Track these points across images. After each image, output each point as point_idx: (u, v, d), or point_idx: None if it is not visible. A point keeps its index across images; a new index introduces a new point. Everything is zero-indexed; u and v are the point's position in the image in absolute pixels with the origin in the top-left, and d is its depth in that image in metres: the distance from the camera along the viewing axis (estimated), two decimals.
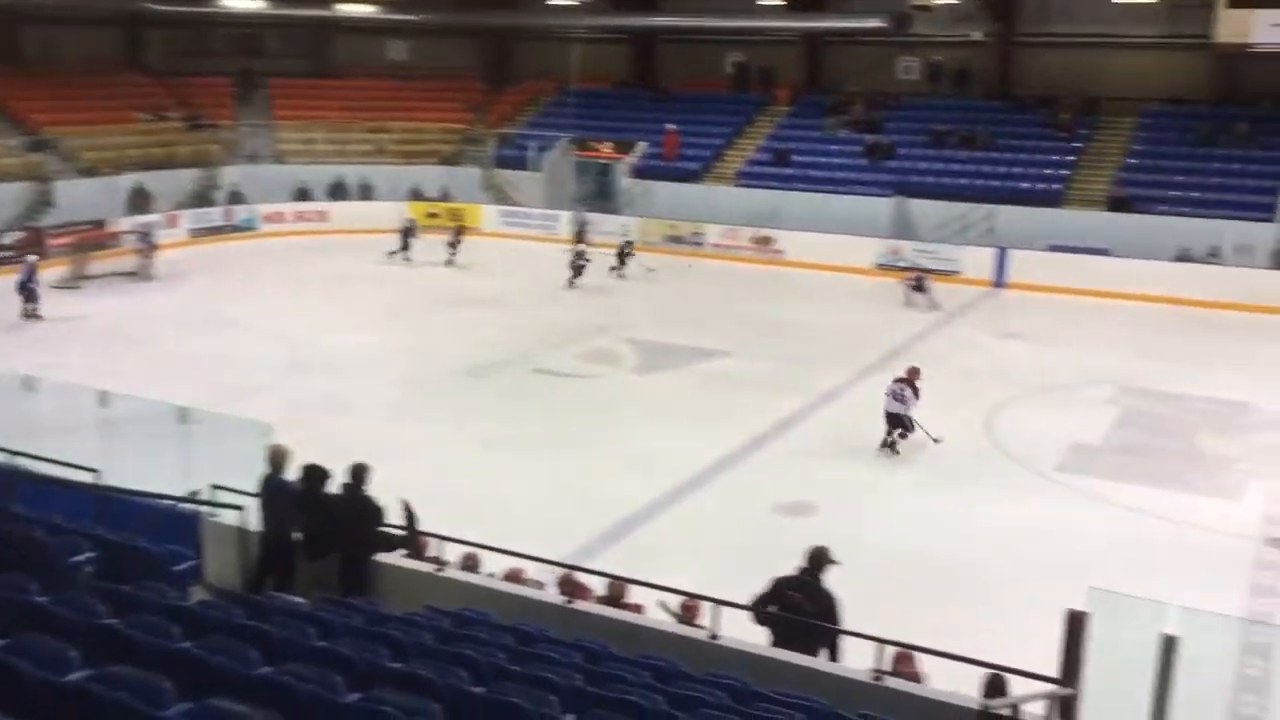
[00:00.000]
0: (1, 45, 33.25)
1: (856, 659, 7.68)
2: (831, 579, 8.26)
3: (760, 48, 35.85)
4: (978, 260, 27.61)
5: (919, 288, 25.18)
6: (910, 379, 15.79)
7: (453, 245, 28.93)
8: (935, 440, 15.57)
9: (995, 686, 7.57)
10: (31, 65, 33.41)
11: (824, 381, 18.95)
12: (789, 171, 32.05)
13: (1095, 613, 7.37)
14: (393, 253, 28.50)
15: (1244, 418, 17.57)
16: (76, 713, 4.37)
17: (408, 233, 28.89)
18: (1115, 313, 24.32)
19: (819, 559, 8.32)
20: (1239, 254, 25.95)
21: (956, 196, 29.40)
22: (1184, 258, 26.24)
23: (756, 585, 8.36)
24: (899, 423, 15.56)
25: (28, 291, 22.10)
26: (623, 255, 28.01)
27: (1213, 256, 26.12)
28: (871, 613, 8.27)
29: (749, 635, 8.09)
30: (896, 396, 15.60)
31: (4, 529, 7.64)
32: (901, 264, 27.89)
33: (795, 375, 19.38)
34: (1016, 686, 7.10)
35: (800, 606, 8.11)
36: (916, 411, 15.58)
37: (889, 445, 15.56)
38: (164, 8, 34.40)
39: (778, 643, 8.08)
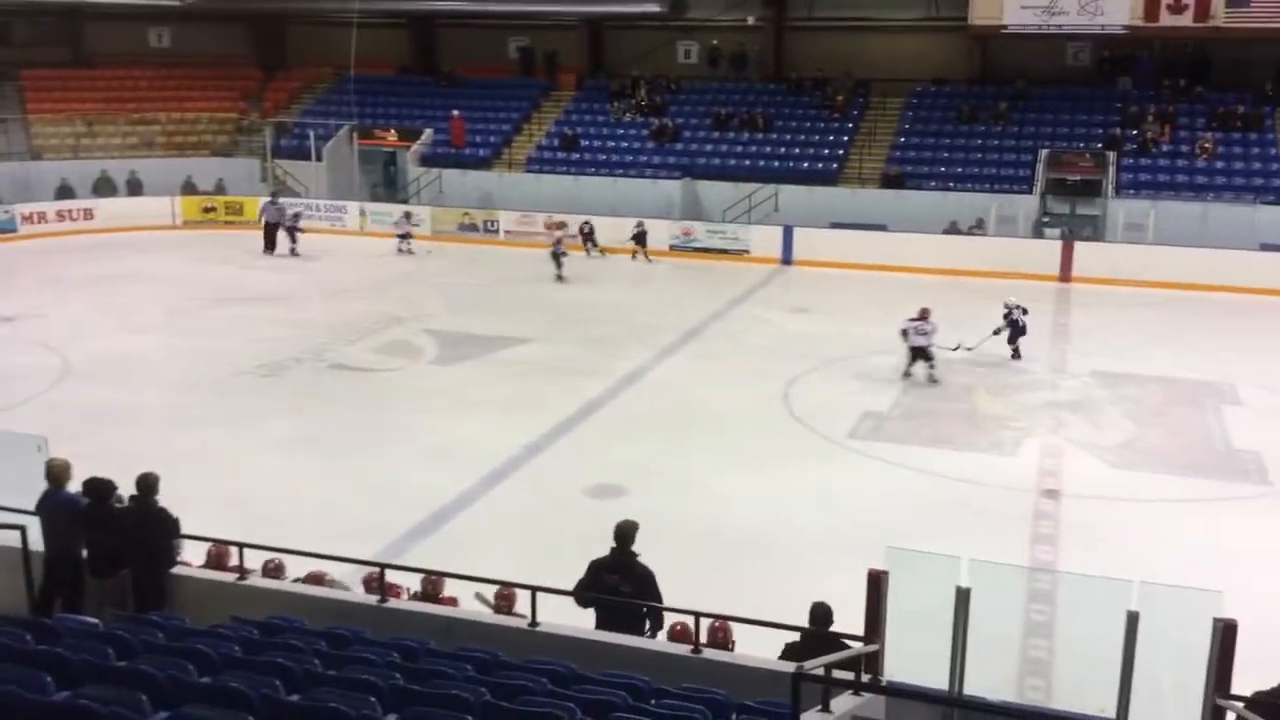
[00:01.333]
0: None
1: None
2: (644, 555, 8.37)
3: (543, 32, 35.84)
4: (765, 239, 28.50)
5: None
6: (925, 316, 18.13)
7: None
8: (968, 349, 18.92)
9: (820, 617, 7.86)
10: None
11: (626, 363, 19.18)
12: (578, 156, 32.19)
13: (894, 570, 7.75)
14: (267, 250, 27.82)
15: (1015, 378, 18.82)
16: None
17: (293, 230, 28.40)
18: (895, 284, 25.57)
19: (627, 535, 8.39)
20: (1002, 224, 27.76)
21: (741, 177, 30.26)
22: (952, 230, 27.86)
23: (573, 569, 8.39)
24: (926, 354, 18.07)
25: None
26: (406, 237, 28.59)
27: (978, 228, 27.83)
28: (684, 587, 8.45)
29: (570, 620, 8.12)
30: (920, 332, 18.00)
31: None
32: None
33: (597, 358, 19.53)
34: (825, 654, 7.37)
35: (617, 588, 8.19)
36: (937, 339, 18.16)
37: (929, 377, 18.17)
38: None
39: (604, 625, 8.14)
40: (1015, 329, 19.59)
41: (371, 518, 12.60)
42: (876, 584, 7.73)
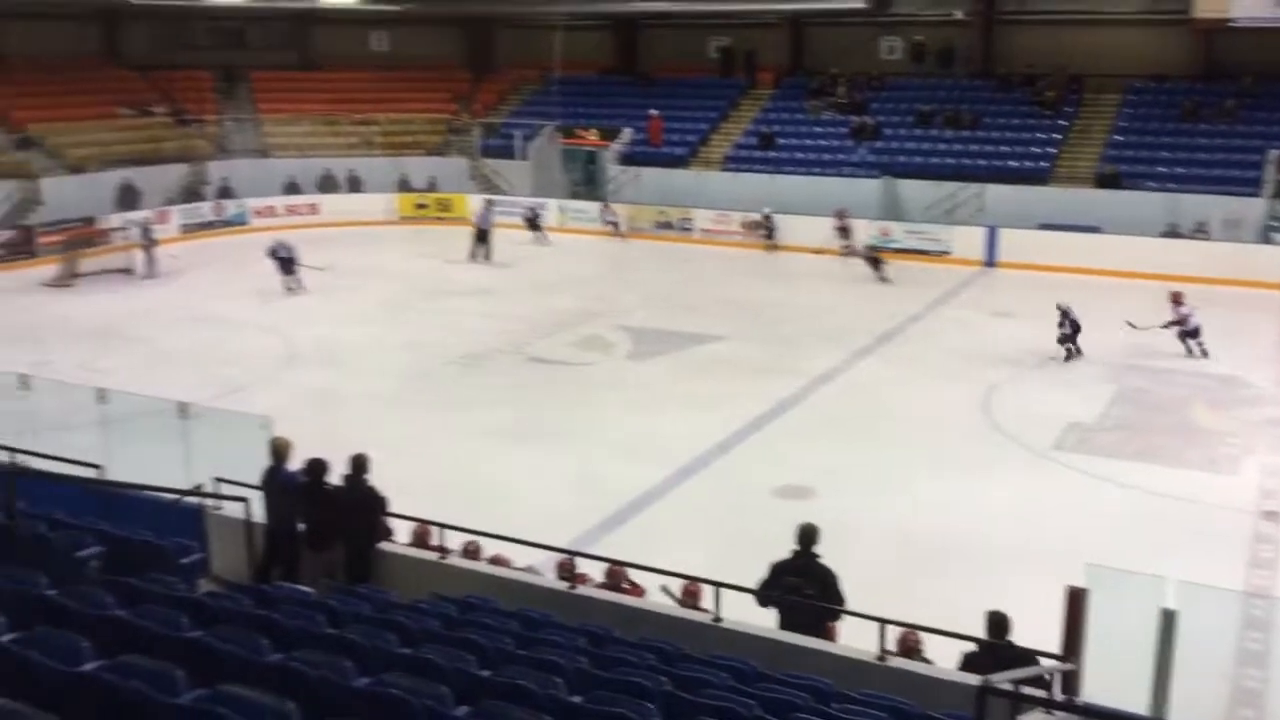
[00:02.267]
0: None
1: (860, 640, 7.74)
2: (831, 559, 8.31)
3: (743, 31, 35.81)
4: (968, 240, 27.68)
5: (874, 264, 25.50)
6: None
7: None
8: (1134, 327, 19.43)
9: (998, 624, 7.64)
10: (11, 62, 33.18)
11: (818, 364, 19.02)
12: (775, 155, 32.07)
13: (1095, 589, 7.45)
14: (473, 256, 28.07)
15: (1235, 392, 17.69)
16: (91, 702, 4.40)
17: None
18: (1106, 290, 24.40)
19: (809, 537, 8.36)
20: (1227, 229, 26.07)
21: (944, 176, 29.46)
22: (1172, 233, 26.35)
23: (758, 568, 8.42)
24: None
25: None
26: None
27: (1200, 232, 26.22)
28: (873, 593, 8.33)
29: (752, 618, 8.15)
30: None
31: (9, 524, 7.64)
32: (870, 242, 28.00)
33: (790, 358, 19.43)
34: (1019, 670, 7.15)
35: (800, 589, 8.15)
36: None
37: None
38: (143, 1, 34.19)
39: (785, 625, 8.13)
40: (1074, 328, 19.13)
41: (564, 506, 12.95)
42: (1076, 601, 7.46)
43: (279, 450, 9.12)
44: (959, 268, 27.02)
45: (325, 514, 8.96)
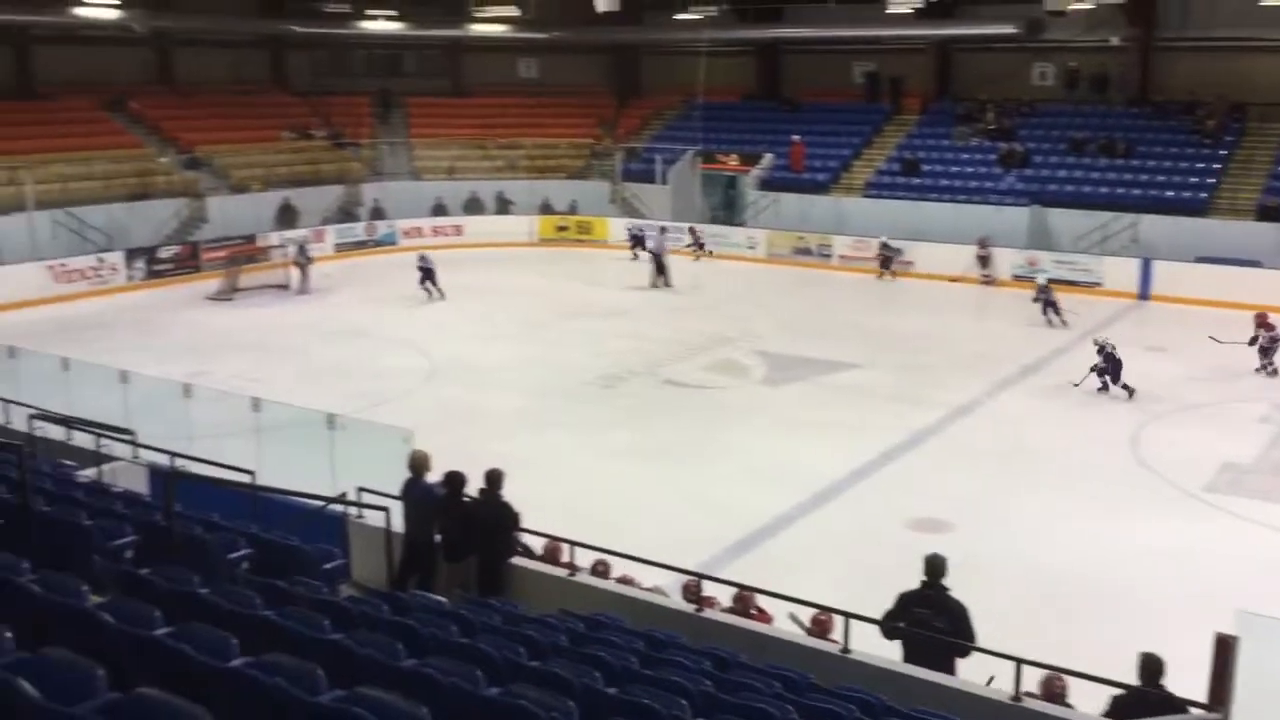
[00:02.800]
0: (157, 69, 35.12)
1: (982, 678, 7.55)
2: (964, 595, 8.12)
3: (889, 56, 35.46)
4: (1120, 272, 26.73)
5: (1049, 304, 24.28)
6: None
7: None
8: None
9: (1150, 669, 7.34)
10: (184, 87, 35.20)
11: (957, 395, 18.62)
12: (919, 181, 31.60)
13: (1245, 637, 7.10)
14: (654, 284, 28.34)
15: None
16: (237, 696, 4.60)
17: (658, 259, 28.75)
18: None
19: (938, 568, 8.17)
20: None
21: (1096, 206, 28.54)
22: None
23: (889, 601, 8.29)
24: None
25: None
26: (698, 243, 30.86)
27: None
28: (1008, 632, 8.11)
29: (882, 651, 8.03)
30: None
31: (167, 526, 8.07)
32: (1035, 276, 27.20)
33: (929, 388, 19.08)
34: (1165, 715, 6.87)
35: (929, 622, 7.98)
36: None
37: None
38: (307, 30, 35.83)
39: (910, 659, 7.99)
40: (1113, 364, 18.55)
41: (693, 529, 12.96)
42: (1225, 649, 7.14)
43: (418, 463, 9.40)
44: (1110, 300, 26.09)
45: (461, 527, 9.19)
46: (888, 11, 30.43)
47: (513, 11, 33.09)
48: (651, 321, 24.34)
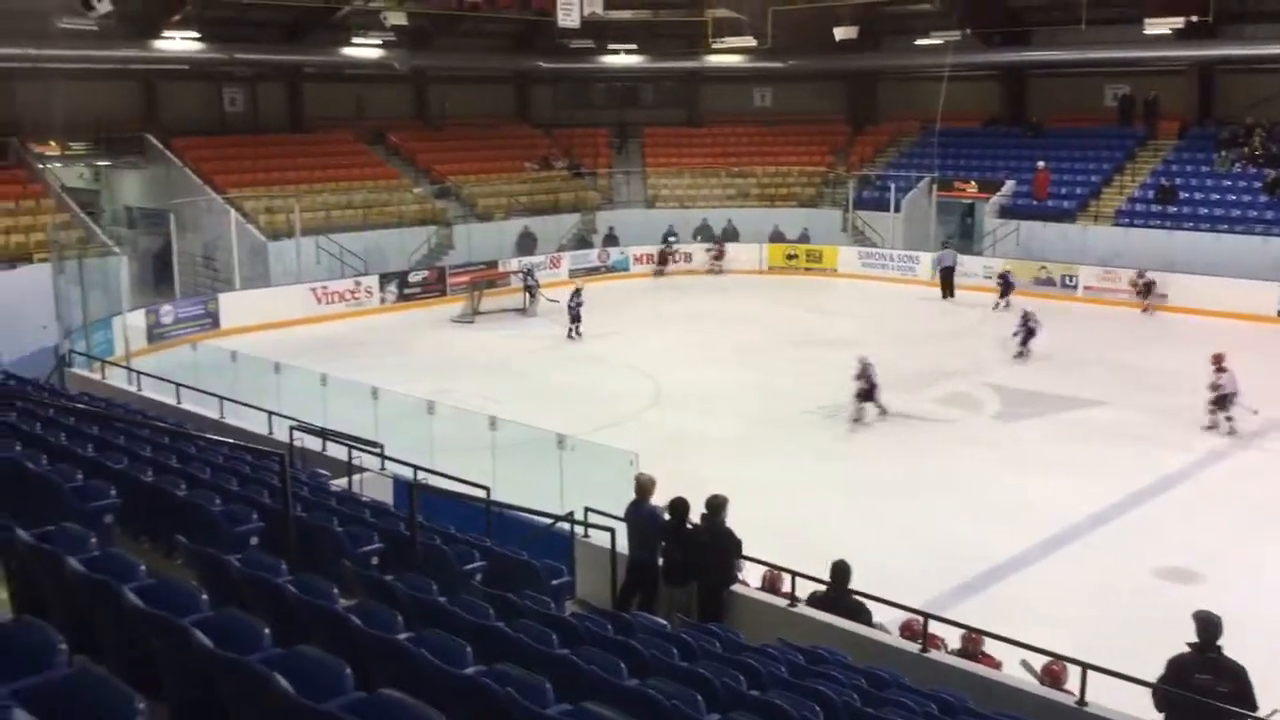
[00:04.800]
0: (413, 104, 37.38)
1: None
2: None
3: (1145, 78, 33.56)
4: None
5: None
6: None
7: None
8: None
9: None
10: (436, 121, 37.31)
11: (1211, 439, 17.38)
12: (1175, 210, 29.75)
13: None
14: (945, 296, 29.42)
15: None
16: (470, 702, 4.81)
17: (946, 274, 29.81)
18: None
19: (1213, 628, 7.53)
20: None
21: None
22: None
23: (1130, 651, 7.83)
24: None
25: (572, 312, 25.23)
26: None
27: None
28: (1266, 699, 7.48)
29: (1119, 704, 7.57)
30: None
31: (410, 536, 8.54)
32: None
33: (1178, 430, 17.90)
34: None
35: (1212, 689, 7.40)
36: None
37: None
38: (551, 65, 37.28)
39: None
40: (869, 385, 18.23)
41: (919, 566, 12.60)
42: None
43: (644, 486, 9.58)
44: None
45: (684, 551, 9.29)
46: (1146, 32, 28.88)
47: (750, 42, 33.38)
48: (880, 352, 23.82)
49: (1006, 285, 28.19)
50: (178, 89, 32.03)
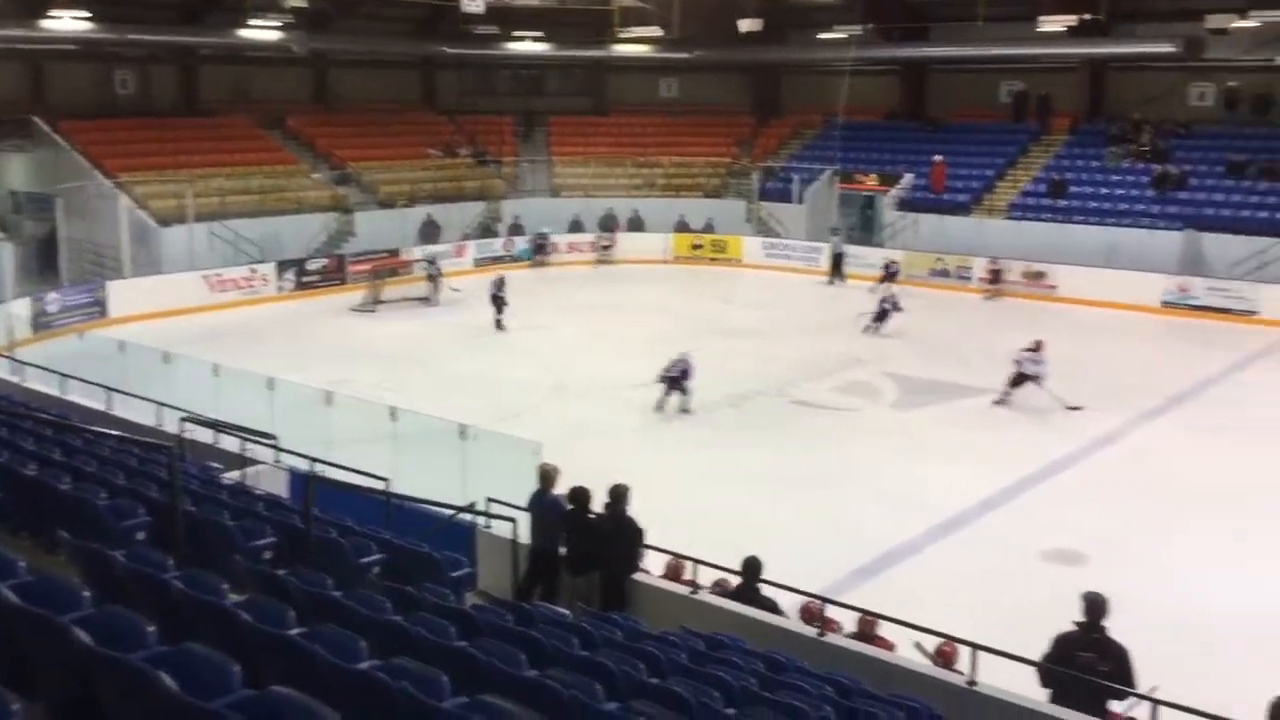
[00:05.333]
0: (313, 89, 36.63)
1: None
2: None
3: (1038, 75, 34.49)
4: (1278, 300, 25.44)
5: None
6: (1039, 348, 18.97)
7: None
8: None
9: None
10: (337, 106, 36.62)
11: (1099, 424, 17.97)
12: (1066, 203, 30.66)
13: None
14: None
15: None
16: (365, 697, 4.75)
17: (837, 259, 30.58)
18: None
19: (1099, 608, 7.83)
20: None
21: (1255, 231, 27.25)
22: None
23: (1018, 632, 8.05)
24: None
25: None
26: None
27: None
28: (1151, 673, 7.77)
29: (1008, 684, 7.79)
30: (1034, 362, 18.81)
31: (305, 529, 8.38)
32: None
33: (1067, 417, 18.46)
34: None
35: (1094, 667, 7.66)
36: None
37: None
38: (456, 51, 36.87)
39: (1060, 700, 7.64)
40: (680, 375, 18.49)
41: (818, 551, 12.78)
42: None
43: (547, 476, 9.56)
44: (1267, 329, 24.85)
45: (586, 540, 9.29)
46: (1039, 30, 29.67)
47: (656, 32, 33.41)
48: (782, 342, 24.17)
49: (889, 275, 28.78)
50: (67, 70, 30.91)
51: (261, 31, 31.01)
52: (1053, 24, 29.35)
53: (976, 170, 33.34)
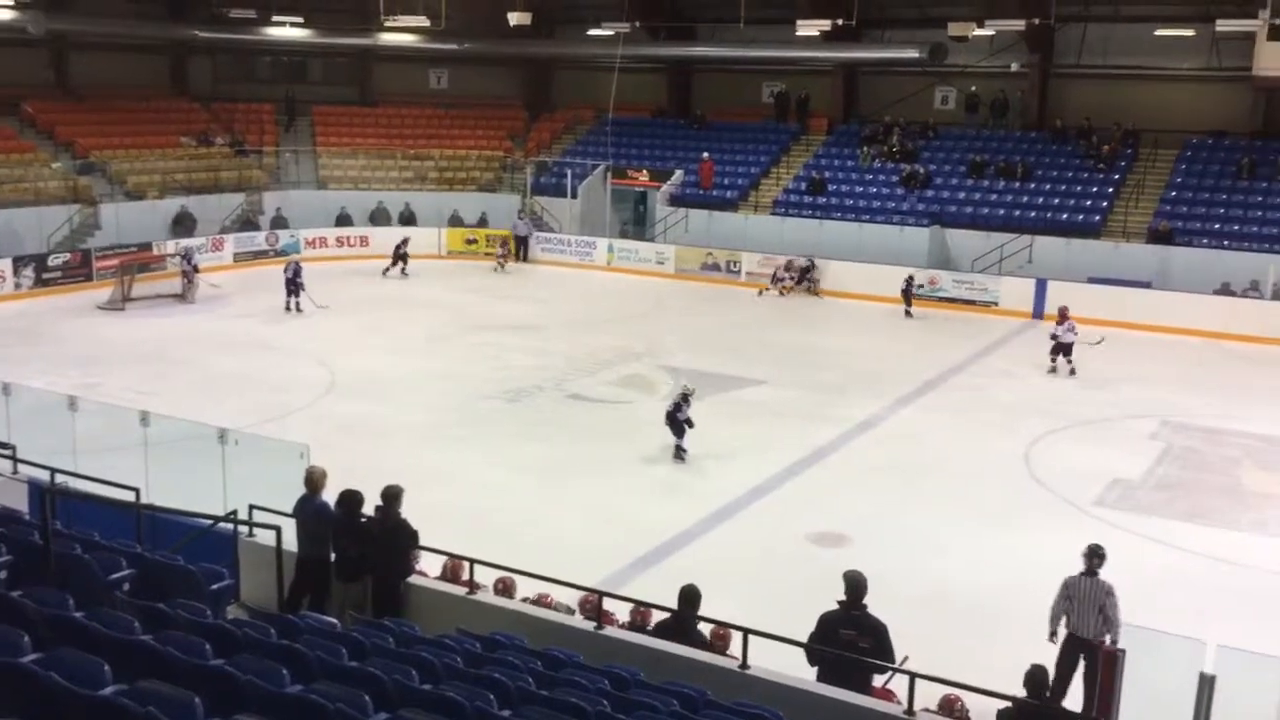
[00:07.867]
0: (51, 73, 34.01)
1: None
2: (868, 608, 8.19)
3: (798, 77, 35.95)
4: (1016, 292, 27.44)
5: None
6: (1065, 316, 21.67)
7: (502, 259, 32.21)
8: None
9: (1037, 680, 7.50)
10: (79, 91, 34.17)
11: (858, 411, 18.87)
12: (825, 200, 32.07)
13: (1131, 650, 7.27)
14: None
15: None
16: None
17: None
18: (1156, 346, 24.07)
19: (859, 587, 8.20)
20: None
21: (994, 227, 29.30)
22: (1225, 291, 25.95)
23: (792, 614, 8.32)
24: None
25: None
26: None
27: (1254, 290, 25.81)
28: (906, 646, 8.19)
29: (780, 666, 8.04)
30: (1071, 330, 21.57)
31: (44, 545, 7.74)
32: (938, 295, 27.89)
33: (829, 405, 19.31)
34: None
35: (854, 643, 7.99)
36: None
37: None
38: (209, 35, 35.06)
39: (826, 678, 7.95)
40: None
41: (597, 545, 12.90)
42: (1111, 662, 7.31)
43: (313, 480, 9.18)
44: (1006, 319, 26.78)
45: (357, 545, 8.98)
46: (797, 34, 30.88)
47: (424, 22, 32.77)
48: (558, 336, 24.24)
49: (400, 256, 30.12)
50: None
51: None
52: (809, 29, 30.64)
53: (742, 168, 34.42)
